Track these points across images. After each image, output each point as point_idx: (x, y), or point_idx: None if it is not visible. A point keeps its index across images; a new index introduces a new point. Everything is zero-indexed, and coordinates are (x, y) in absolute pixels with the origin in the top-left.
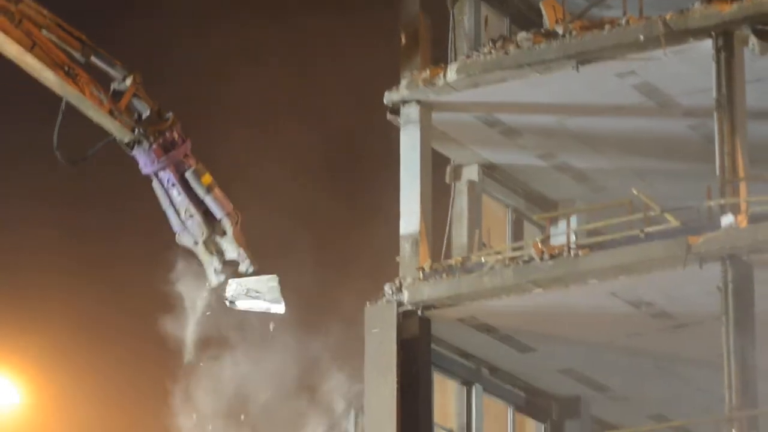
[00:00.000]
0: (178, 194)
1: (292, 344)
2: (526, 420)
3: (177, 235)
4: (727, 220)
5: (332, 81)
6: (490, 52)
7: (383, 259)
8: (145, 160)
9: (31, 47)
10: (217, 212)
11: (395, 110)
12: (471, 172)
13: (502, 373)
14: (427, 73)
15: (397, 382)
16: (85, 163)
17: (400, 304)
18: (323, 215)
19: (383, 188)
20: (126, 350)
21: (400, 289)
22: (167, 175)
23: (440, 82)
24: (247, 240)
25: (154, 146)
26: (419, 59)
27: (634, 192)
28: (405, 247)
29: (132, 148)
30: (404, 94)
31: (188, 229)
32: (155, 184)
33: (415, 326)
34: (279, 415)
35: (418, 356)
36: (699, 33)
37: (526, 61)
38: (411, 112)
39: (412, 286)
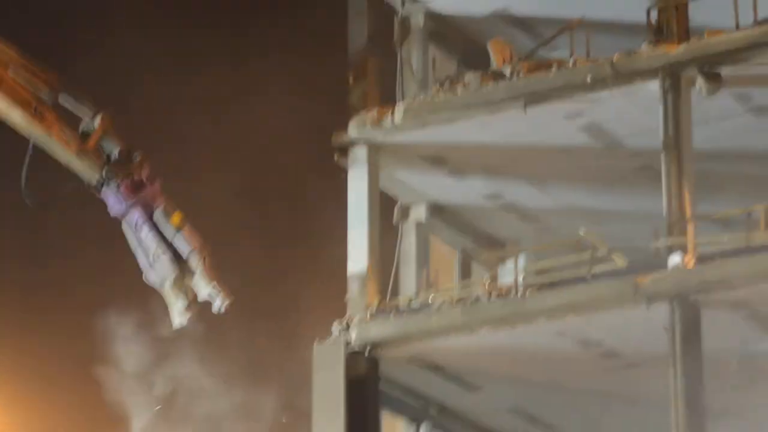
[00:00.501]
0: (146, 234)
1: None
2: None
3: (144, 274)
4: (674, 260)
5: (277, 121)
6: (438, 93)
7: (330, 297)
8: (113, 201)
9: None
10: (185, 250)
11: (344, 151)
12: (418, 213)
13: (450, 411)
14: (374, 114)
15: (345, 422)
16: (53, 205)
17: (347, 343)
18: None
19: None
20: (77, 397)
21: (347, 329)
22: (136, 216)
23: (388, 123)
24: (218, 275)
25: (122, 187)
26: (367, 100)
27: (582, 232)
28: (353, 287)
29: (100, 189)
30: (352, 136)
31: (155, 270)
32: (124, 226)
33: (362, 366)
34: None
35: (366, 395)
36: (646, 74)
37: (473, 102)
38: (359, 153)
39: (360, 325)
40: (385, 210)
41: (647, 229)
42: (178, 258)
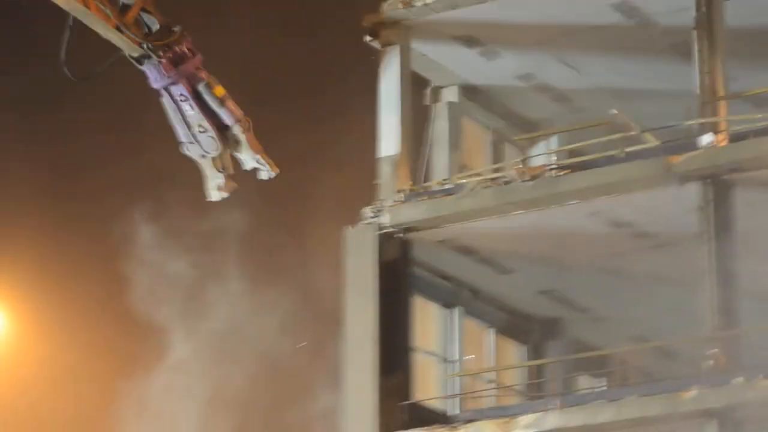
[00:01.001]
0: (190, 108)
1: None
2: (507, 342)
3: (182, 146)
4: (706, 139)
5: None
6: None
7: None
8: (155, 75)
9: None
10: (229, 120)
11: (374, 33)
12: (450, 94)
13: (482, 295)
14: None
15: (378, 305)
16: (95, 78)
17: (380, 226)
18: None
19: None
20: (105, 287)
21: (380, 212)
22: (178, 90)
23: (419, 3)
24: (261, 146)
25: (164, 60)
26: None
27: (614, 112)
28: (385, 170)
29: (141, 63)
30: (384, 16)
31: (199, 143)
32: (165, 99)
33: (395, 249)
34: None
35: (398, 279)
36: None
37: None
38: (390, 34)
39: (392, 208)
40: (417, 92)
41: (679, 108)
42: (220, 131)
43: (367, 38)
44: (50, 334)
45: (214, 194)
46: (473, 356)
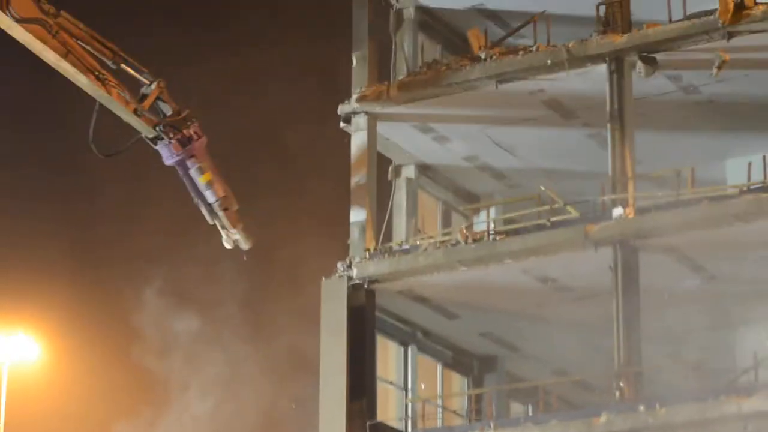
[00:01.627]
0: (188, 184)
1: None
2: (452, 374)
3: (195, 202)
4: (617, 211)
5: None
6: (425, 73)
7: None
8: (165, 154)
9: (66, 54)
10: (212, 200)
11: (347, 120)
12: (409, 171)
13: (433, 335)
14: (373, 90)
15: (347, 343)
16: (118, 155)
17: (350, 278)
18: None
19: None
20: (121, 334)
21: (350, 267)
22: (185, 166)
23: (384, 97)
24: (240, 222)
25: (173, 141)
26: (367, 78)
27: (542, 188)
28: (354, 232)
29: (155, 143)
30: (354, 107)
31: (205, 212)
32: (181, 173)
33: (362, 297)
34: None
35: (364, 322)
36: (596, 58)
37: (454, 81)
38: (360, 121)
39: (360, 264)
40: (381, 169)
41: (596, 186)
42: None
43: (341, 124)
44: (75, 364)
45: (227, 244)
46: (424, 385)
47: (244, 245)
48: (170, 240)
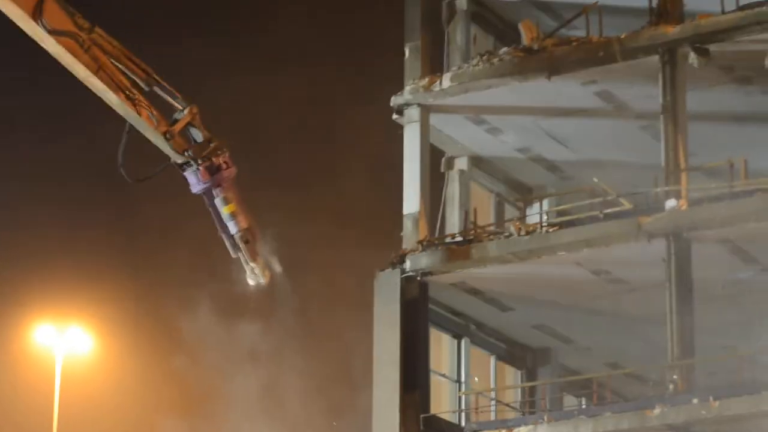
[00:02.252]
0: (213, 214)
1: None
2: (506, 367)
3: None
4: (670, 203)
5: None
6: (478, 64)
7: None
8: (193, 181)
9: (97, 71)
10: (233, 231)
11: (400, 112)
12: (461, 163)
13: (486, 328)
14: (426, 81)
15: (401, 335)
16: (147, 181)
17: (403, 271)
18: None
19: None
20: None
21: (403, 260)
22: (212, 195)
23: (437, 88)
24: (257, 256)
25: (201, 169)
26: (420, 69)
27: (595, 180)
28: (407, 225)
29: (184, 170)
30: (407, 98)
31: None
32: (207, 203)
33: (415, 289)
34: None
35: (417, 314)
36: (648, 49)
37: (507, 72)
38: (413, 113)
39: (413, 256)
40: (434, 160)
41: (649, 177)
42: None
43: (394, 116)
44: (123, 356)
45: (251, 280)
46: (478, 378)
47: (261, 278)
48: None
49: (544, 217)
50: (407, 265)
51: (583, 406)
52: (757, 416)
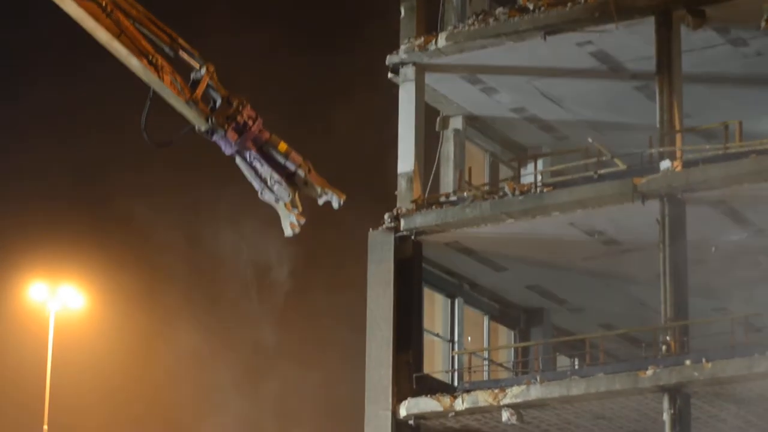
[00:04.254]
0: (261, 165)
1: None
2: (499, 327)
3: (259, 193)
4: (665, 164)
5: None
6: (474, 24)
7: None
8: (224, 144)
9: (119, 35)
10: (293, 167)
11: (395, 70)
12: (456, 123)
13: (480, 288)
14: (421, 40)
15: (394, 295)
16: (169, 146)
17: (397, 230)
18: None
19: None
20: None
21: (397, 218)
22: (248, 152)
23: (432, 47)
24: (324, 179)
25: (229, 131)
26: (415, 29)
27: (590, 140)
28: (401, 184)
29: (211, 135)
30: (403, 57)
31: (273, 191)
32: (238, 160)
33: (409, 249)
34: None
35: (411, 273)
36: (644, 11)
37: (502, 32)
38: (408, 72)
39: (407, 215)
40: (429, 119)
41: (643, 138)
42: (288, 177)
43: (389, 75)
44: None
45: (288, 231)
46: (471, 338)
47: (337, 202)
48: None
49: (539, 177)
50: (401, 224)
51: (576, 367)
52: (750, 378)
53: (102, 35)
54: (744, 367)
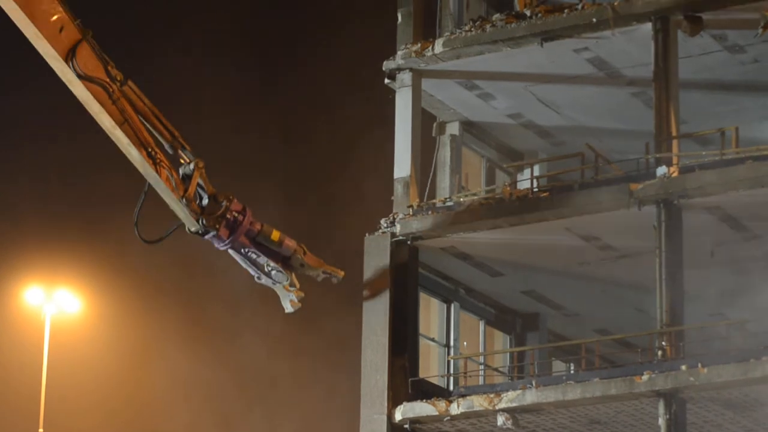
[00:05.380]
0: (256, 256)
1: None
2: (494, 332)
3: (255, 278)
4: (661, 170)
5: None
6: (471, 30)
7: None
8: (216, 242)
9: (122, 123)
10: (288, 253)
11: (392, 76)
12: (453, 128)
13: (476, 293)
14: (418, 46)
15: (390, 299)
16: (159, 243)
17: (393, 235)
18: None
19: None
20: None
21: (393, 223)
22: (241, 246)
23: (429, 53)
24: (320, 259)
25: (221, 230)
26: (412, 34)
27: (587, 146)
28: (398, 189)
29: (202, 235)
30: (399, 63)
31: (270, 276)
32: (231, 252)
33: (405, 254)
34: None
35: (407, 278)
36: (641, 17)
37: (499, 38)
38: (405, 78)
39: (403, 220)
40: (425, 125)
41: (640, 144)
42: (284, 262)
43: (386, 80)
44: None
45: (288, 308)
46: (467, 343)
47: (337, 279)
48: None
49: (535, 183)
50: (397, 229)
51: (572, 372)
52: (746, 383)
53: (105, 120)
54: (740, 372)
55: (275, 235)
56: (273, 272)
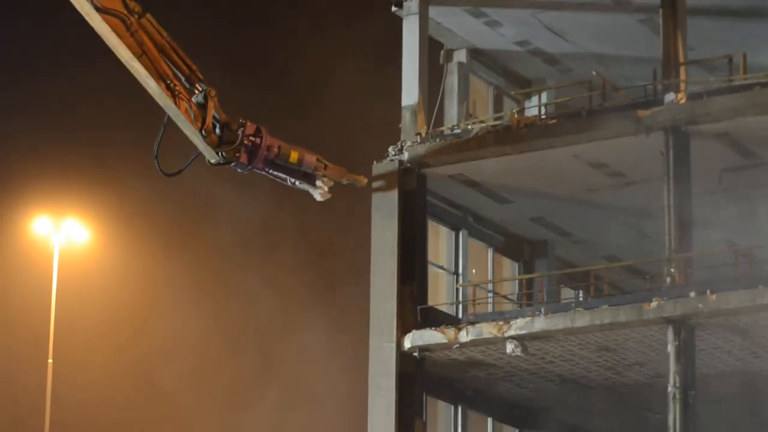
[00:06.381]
0: (278, 172)
1: None
2: (503, 259)
3: (288, 183)
4: (669, 97)
5: None
6: None
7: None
8: (241, 168)
9: (140, 55)
10: (309, 170)
11: (398, 4)
12: (460, 56)
13: (484, 220)
14: None
15: (399, 227)
16: (178, 175)
17: (401, 162)
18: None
19: None
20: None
21: (401, 151)
22: (262, 168)
23: None
24: (341, 168)
25: (240, 158)
26: None
27: (594, 73)
28: (405, 116)
29: (223, 164)
30: None
31: (294, 184)
32: (263, 172)
33: (413, 181)
34: None
35: (415, 206)
36: None
37: None
38: (412, 5)
39: (411, 148)
40: (432, 52)
41: (647, 71)
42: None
43: (393, 8)
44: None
45: (318, 198)
46: (475, 270)
47: (361, 185)
48: None
49: (543, 110)
50: (405, 156)
51: (580, 299)
52: (754, 310)
53: (123, 52)
54: (748, 298)
55: (294, 156)
56: (297, 184)
